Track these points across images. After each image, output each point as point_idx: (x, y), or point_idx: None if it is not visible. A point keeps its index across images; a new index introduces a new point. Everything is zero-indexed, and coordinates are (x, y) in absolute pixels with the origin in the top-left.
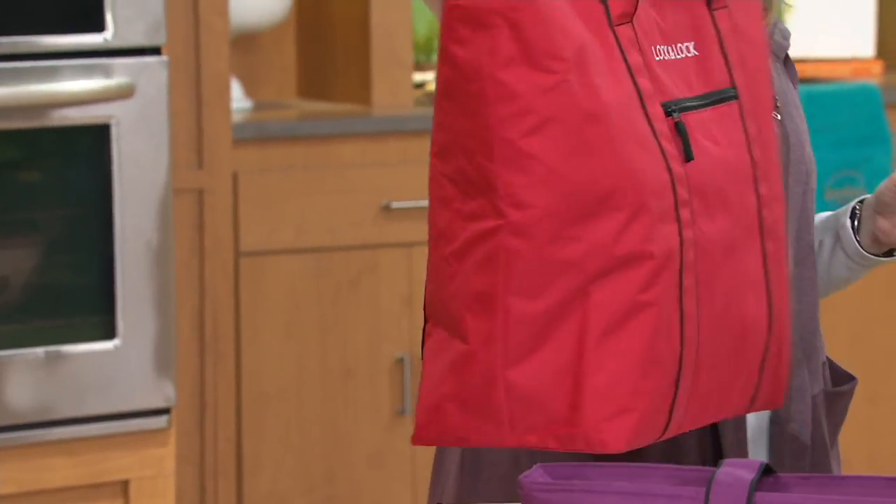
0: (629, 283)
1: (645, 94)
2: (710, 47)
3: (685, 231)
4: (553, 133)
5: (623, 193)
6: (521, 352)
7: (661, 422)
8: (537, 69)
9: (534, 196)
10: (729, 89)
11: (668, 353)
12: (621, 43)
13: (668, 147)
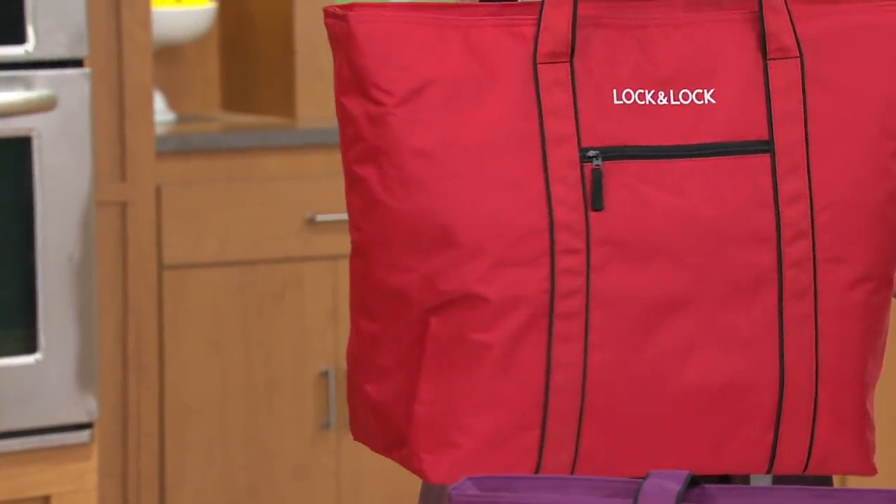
0: (465, 322)
1: (551, 137)
2: (744, 96)
3: (566, 278)
4: (380, 163)
5: (456, 232)
6: (370, 369)
7: (531, 460)
8: (367, 99)
9: (365, 221)
10: (758, 143)
11: (516, 397)
12: (539, 82)
13: (565, 192)
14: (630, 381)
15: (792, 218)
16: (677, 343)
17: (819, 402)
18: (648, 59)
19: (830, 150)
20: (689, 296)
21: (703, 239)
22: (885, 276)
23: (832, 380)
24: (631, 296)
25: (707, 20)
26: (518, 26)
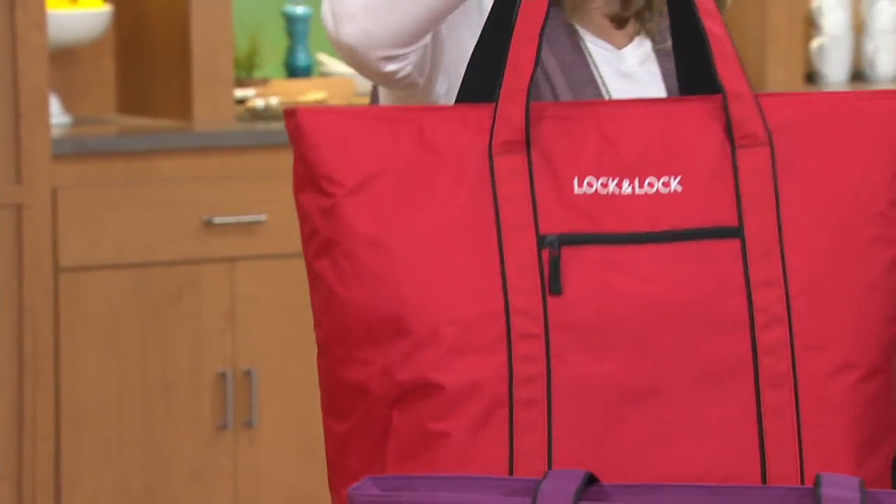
0: (423, 412)
1: (507, 225)
2: (711, 183)
3: (524, 364)
4: (335, 255)
5: (409, 320)
6: (345, 473)
7: None
8: (318, 192)
9: (323, 317)
10: (727, 228)
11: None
12: (495, 172)
13: (521, 278)
14: (600, 474)
15: (765, 303)
16: (648, 433)
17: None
18: (612, 148)
19: (805, 236)
20: (658, 384)
21: (669, 325)
22: (874, 364)
23: (820, 472)
24: (595, 383)
25: (672, 109)
26: (474, 119)
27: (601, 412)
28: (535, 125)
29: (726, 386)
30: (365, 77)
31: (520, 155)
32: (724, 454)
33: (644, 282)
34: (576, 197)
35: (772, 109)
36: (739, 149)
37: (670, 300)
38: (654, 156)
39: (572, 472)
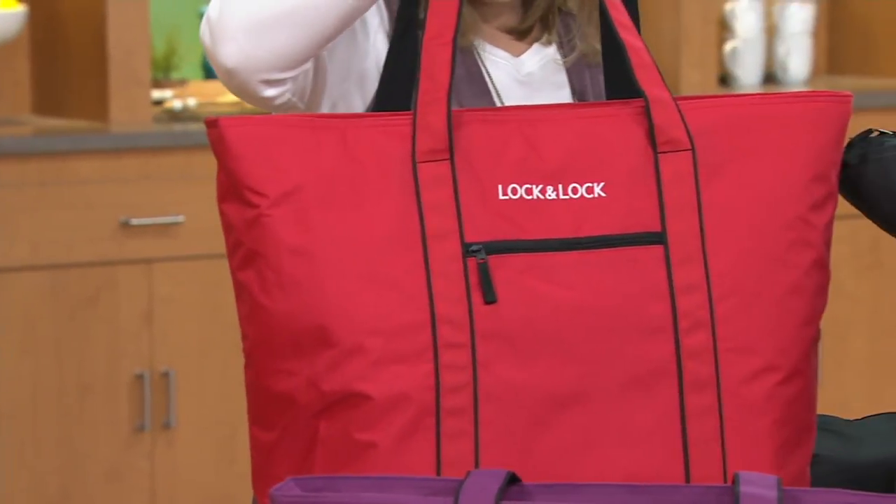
0: (350, 422)
1: (431, 233)
2: (634, 189)
3: (451, 373)
4: (259, 266)
5: (334, 331)
6: (270, 481)
7: None
8: (242, 203)
9: (249, 327)
10: (650, 234)
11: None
12: (419, 180)
13: (447, 287)
14: (526, 479)
15: (688, 308)
16: (574, 438)
17: None
18: (536, 154)
19: (727, 240)
20: (583, 389)
21: (594, 331)
22: (794, 366)
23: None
24: (521, 390)
25: (595, 115)
26: (396, 126)
27: (527, 419)
28: (457, 132)
29: (651, 390)
30: (243, 100)
31: (443, 162)
32: (648, 457)
33: (569, 288)
34: (500, 203)
35: (692, 114)
36: (662, 154)
37: (595, 306)
38: (577, 162)
39: (494, 472)
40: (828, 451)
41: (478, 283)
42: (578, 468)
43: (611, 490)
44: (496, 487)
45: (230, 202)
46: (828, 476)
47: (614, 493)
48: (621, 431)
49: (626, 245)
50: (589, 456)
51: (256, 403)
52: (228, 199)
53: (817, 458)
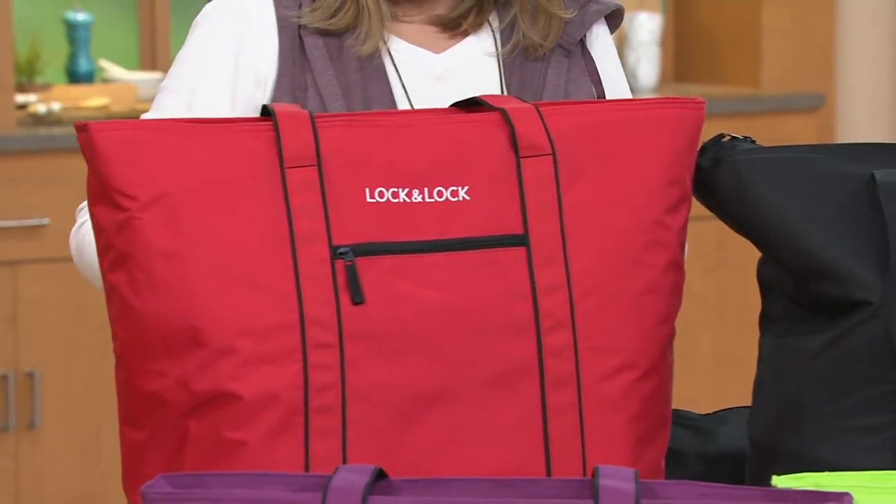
0: (220, 421)
1: (300, 236)
2: (497, 192)
3: (319, 373)
4: (130, 268)
5: (205, 332)
6: (139, 480)
7: None
8: (112, 206)
9: (119, 328)
10: (513, 237)
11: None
12: (287, 185)
13: (315, 289)
14: (393, 476)
15: (550, 308)
16: (439, 436)
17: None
18: (402, 158)
19: (586, 242)
20: (448, 388)
21: (459, 331)
22: (651, 364)
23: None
24: (388, 389)
25: (461, 121)
26: (266, 131)
27: (394, 417)
28: (324, 136)
29: (513, 388)
30: None
31: (310, 167)
32: (511, 454)
33: (434, 289)
34: (368, 206)
35: (553, 120)
36: (523, 159)
37: (460, 307)
38: (442, 166)
39: (361, 468)
40: (682, 444)
41: (346, 284)
42: (444, 464)
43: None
44: (363, 483)
45: (101, 205)
46: (681, 468)
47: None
48: (485, 428)
49: (489, 247)
50: (454, 452)
51: (127, 403)
52: (99, 202)
53: (672, 452)
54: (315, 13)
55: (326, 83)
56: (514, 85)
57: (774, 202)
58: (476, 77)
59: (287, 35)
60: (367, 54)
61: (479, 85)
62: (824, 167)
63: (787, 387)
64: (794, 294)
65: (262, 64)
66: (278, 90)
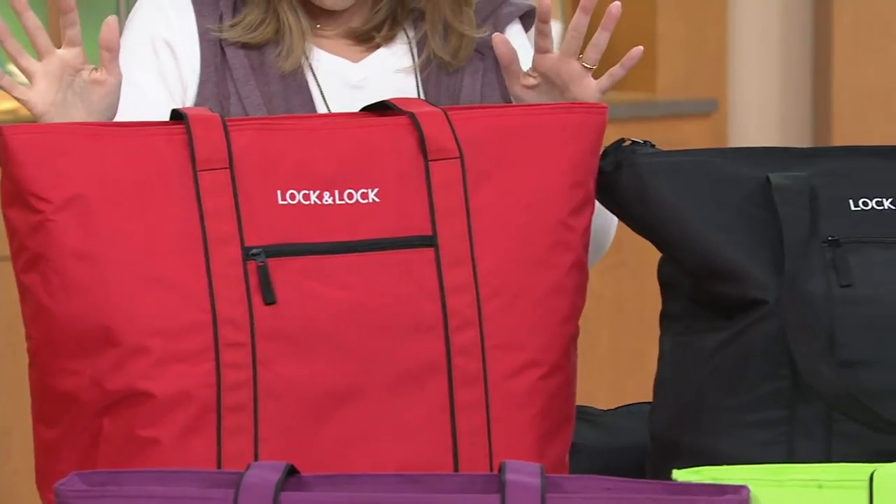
0: (133, 420)
1: (213, 237)
2: (406, 194)
3: (231, 372)
4: (43, 269)
5: (118, 332)
6: (53, 476)
7: None
8: (26, 208)
9: (33, 328)
10: (422, 238)
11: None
12: (200, 187)
13: (227, 289)
14: (304, 472)
15: (458, 307)
16: (350, 432)
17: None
18: (313, 161)
19: (493, 243)
20: (358, 386)
21: (369, 330)
22: (555, 362)
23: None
24: (299, 387)
25: (370, 124)
26: (179, 135)
27: (305, 414)
28: (236, 140)
29: (422, 386)
30: None
31: (223, 170)
32: (420, 449)
33: (345, 289)
34: (279, 208)
35: (461, 124)
36: (432, 162)
37: (369, 306)
38: (352, 168)
39: (273, 465)
40: (585, 439)
41: (258, 285)
42: (354, 460)
43: (384, 480)
44: (275, 479)
45: (14, 207)
46: (585, 463)
47: (387, 483)
48: (394, 425)
49: (399, 248)
50: (364, 449)
51: (40, 402)
52: (12, 204)
53: (575, 447)
54: (236, 28)
55: (248, 93)
56: (431, 94)
57: (674, 204)
58: (393, 87)
59: (208, 45)
60: (290, 70)
61: (396, 95)
62: (721, 170)
63: (687, 383)
64: (693, 293)
65: (186, 70)
66: (201, 96)
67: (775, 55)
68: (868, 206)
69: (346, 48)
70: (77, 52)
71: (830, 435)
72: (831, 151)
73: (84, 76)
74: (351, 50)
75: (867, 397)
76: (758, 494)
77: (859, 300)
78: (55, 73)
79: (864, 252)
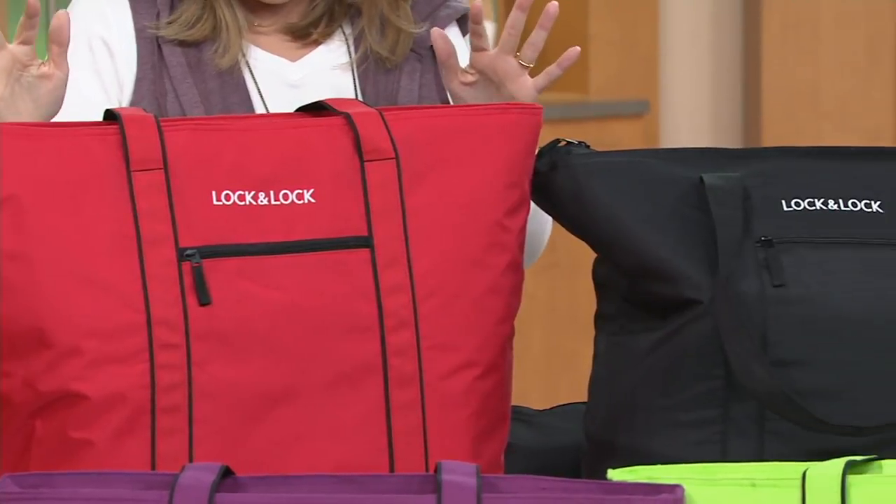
0: (66, 421)
1: (147, 238)
2: (342, 195)
3: (166, 373)
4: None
5: (51, 333)
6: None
7: None
8: None
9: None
10: (357, 238)
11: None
12: (134, 188)
13: (162, 290)
14: (239, 473)
15: (393, 308)
16: (285, 433)
17: None
18: (248, 161)
19: (429, 243)
20: (294, 387)
21: (304, 331)
22: (491, 362)
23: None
24: (234, 388)
25: (305, 125)
26: (112, 135)
27: (240, 415)
28: (170, 140)
29: (358, 386)
30: None
31: (157, 170)
32: (355, 450)
33: (280, 290)
34: (214, 209)
35: (397, 125)
36: (367, 163)
37: (305, 307)
38: (288, 169)
39: (208, 466)
40: (520, 439)
41: (192, 285)
42: (289, 461)
43: (320, 480)
44: (210, 480)
45: None
46: (520, 463)
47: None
48: (330, 426)
49: (334, 249)
50: (299, 450)
51: None
52: None
53: (511, 447)
54: (173, 26)
55: (186, 90)
56: (368, 92)
57: (609, 204)
58: (331, 85)
59: (145, 42)
60: (227, 67)
61: (334, 93)
62: (656, 171)
63: (622, 383)
64: (628, 293)
65: (122, 68)
66: (138, 94)
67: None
68: (800, 207)
69: (283, 46)
70: (28, 50)
71: (763, 434)
72: (764, 152)
73: (32, 71)
74: (289, 47)
75: (799, 396)
76: (692, 493)
77: (792, 300)
78: (5, 68)
79: (796, 252)
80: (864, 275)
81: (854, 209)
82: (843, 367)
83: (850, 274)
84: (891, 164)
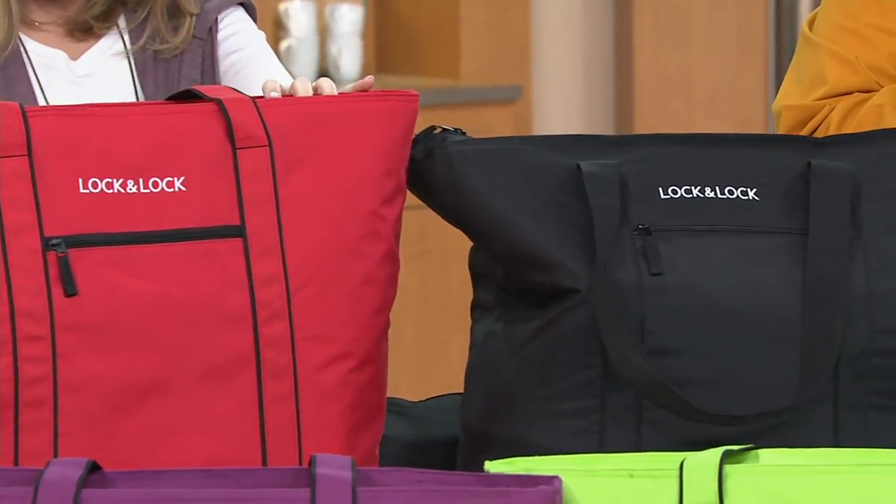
0: None
1: (10, 227)
2: (214, 183)
3: (30, 366)
4: None
5: None
6: None
7: None
8: None
9: None
10: (229, 227)
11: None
12: (1, 175)
13: (26, 281)
14: (108, 467)
15: (266, 299)
16: (155, 427)
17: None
18: (116, 148)
19: (303, 233)
20: (164, 379)
21: (175, 322)
22: (366, 353)
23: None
24: (102, 381)
25: (177, 111)
26: None
27: (108, 409)
28: (35, 127)
29: (230, 379)
30: None
31: (21, 157)
32: (227, 444)
33: (149, 280)
34: (81, 197)
35: (270, 112)
36: (240, 150)
37: (175, 298)
38: (157, 156)
39: (75, 461)
40: (395, 432)
41: (58, 276)
42: (159, 455)
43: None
44: (77, 476)
45: None
46: (396, 455)
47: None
48: (201, 418)
49: (205, 238)
50: (169, 443)
51: None
52: None
53: (385, 439)
54: None
55: None
56: (148, 84)
57: (485, 192)
58: (111, 79)
59: None
60: (5, 58)
61: (114, 87)
62: (533, 158)
63: (499, 373)
64: (505, 282)
65: None
66: None
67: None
68: (677, 195)
69: (63, 41)
70: None
71: (641, 423)
72: (641, 139)
73: None
74: (68, 43)
75: (676, 385)
76: (570, 485)
77: (669, 288)
78: None
79: (673, 240)
80: (739, 263)
81: (731, 196)
82: (718, 356)
83: (725, 262)
84: (767, 152)
